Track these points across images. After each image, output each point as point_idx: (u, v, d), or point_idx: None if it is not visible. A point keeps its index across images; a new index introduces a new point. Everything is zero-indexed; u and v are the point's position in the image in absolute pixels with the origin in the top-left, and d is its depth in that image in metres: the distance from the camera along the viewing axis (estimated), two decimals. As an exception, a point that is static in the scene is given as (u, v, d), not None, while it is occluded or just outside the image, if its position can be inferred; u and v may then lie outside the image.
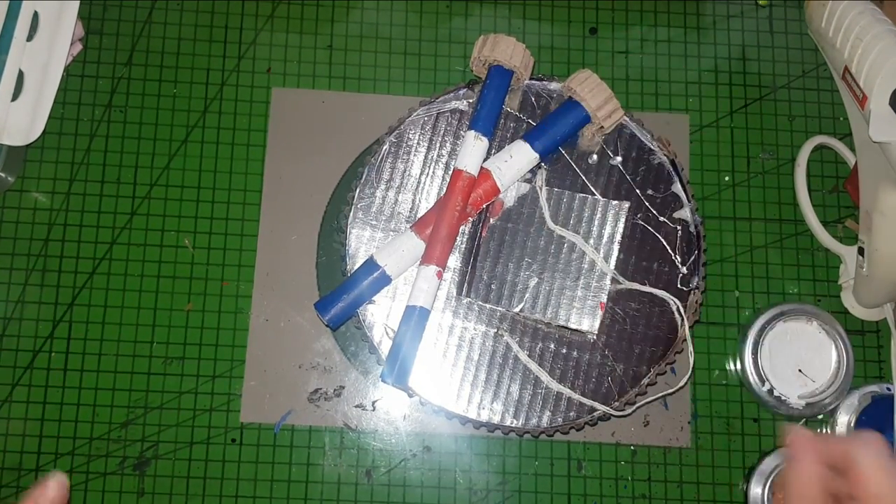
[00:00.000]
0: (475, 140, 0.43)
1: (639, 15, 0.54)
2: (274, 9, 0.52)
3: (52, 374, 0.47)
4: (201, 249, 0.49)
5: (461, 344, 0.43)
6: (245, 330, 0.48)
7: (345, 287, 0.42)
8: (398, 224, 0.44)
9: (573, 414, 0.42)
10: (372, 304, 0.43)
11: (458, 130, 0.45)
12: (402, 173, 0.45)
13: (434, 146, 0.45)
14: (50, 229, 0.49)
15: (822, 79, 0.53)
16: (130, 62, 0.51)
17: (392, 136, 0.45)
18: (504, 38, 0.44)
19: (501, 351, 0.43)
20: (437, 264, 0.42)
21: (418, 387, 0.42)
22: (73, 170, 0.49)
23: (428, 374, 0.43)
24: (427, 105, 0.45)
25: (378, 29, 0.52)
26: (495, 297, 0.43)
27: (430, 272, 0.42)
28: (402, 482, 0.47)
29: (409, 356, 0.41)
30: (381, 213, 0.44)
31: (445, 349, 0.43)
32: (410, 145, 0.45)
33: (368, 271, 0.42)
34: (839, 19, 0.49)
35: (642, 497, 0.47)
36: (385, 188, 0.44)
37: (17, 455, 0.46)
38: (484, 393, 0.43)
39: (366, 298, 0.42)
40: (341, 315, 0.42)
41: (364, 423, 0.47)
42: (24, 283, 0.48)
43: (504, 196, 0.45)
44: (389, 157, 0.45)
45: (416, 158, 0.45)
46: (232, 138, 0.50)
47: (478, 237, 0.44)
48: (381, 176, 0.44)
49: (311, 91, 0.51)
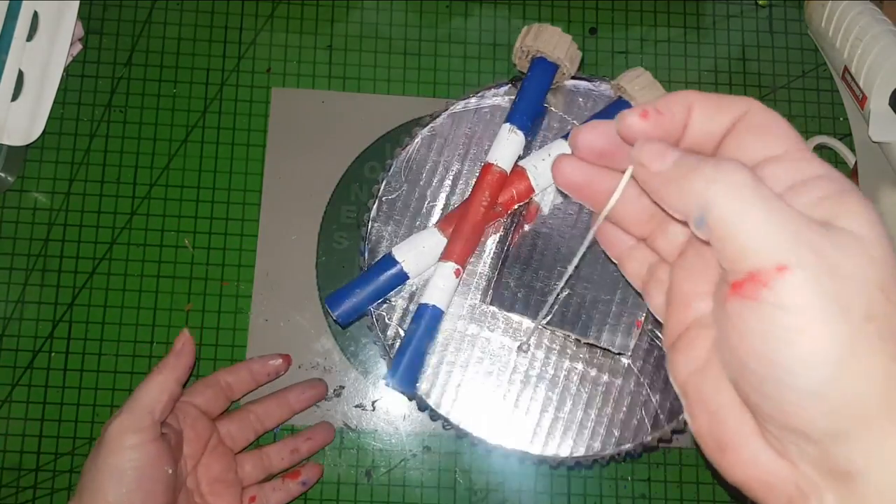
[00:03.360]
0: (509, 133, 0.40)
1: (639, 15, 0.54)
2: (274, 9, 0.52)
3: (52, 374, 0.47)
4: (201, 249, 0.49)
5: (481, 357, 0.40)
6: (245, 330, 0.48)
7: (358, 282, 0.39)
8: (423, 221, 0.42)
9: (598, 445, 0.38)
10: (386, 303, 0.40)
11: (496, 128, 0.42)
12: (432, 169, 0.42)
13: (470, 143, 0.42)
14: (50, 229, 0.49)
15: (822, 79, 0.53)
16: (130, 62, 0.51)
17: (426, 130, 0.42)
18: (549, 28, 0.41)
19: (523, 367, 0.40)
20: (457, 262, 0.39)
21: (428, 397, 0.39)
22: (72, 170, 0.49)
23: (440, 384, 0.40)
24: (465, 99, 0.43)
25: (378, 29, 0.52)
26: (521, 307, 0.40)
27: (447, 269, 0.39)
28: (402, 482, 0.47)
29: (416, 358, 0.39)
30: (406, 209, 0.42)
31: (461, 359, 0.40)
32: (444, 140, 0.43)
33: (385, 266, 0.39)
34: (839, 19, 0.49)
35: (642, 497, 0.47)
36: (413, 183, 0.42)
37: (16, 455, 0.46)
38: (498, 412, 0.39)
39: (380, 295, 0.39)
40: (352, 312, 0.39)
41: (364, 423, 0.47)
42: (23, 283, 0.48)
43: (541, 200, 0.41)
44: (421, 150, 0.42)
45: (448, 154, 0.42)
46: (232, 138, 0.50)
47: (508, 242, 0.41)
48: (411, 169, 0.42)
49: (310, 91, 0.51)
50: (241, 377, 0.44)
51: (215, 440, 0.42)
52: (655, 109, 0.23)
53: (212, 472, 0.41)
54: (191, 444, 0.40)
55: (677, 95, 0.23)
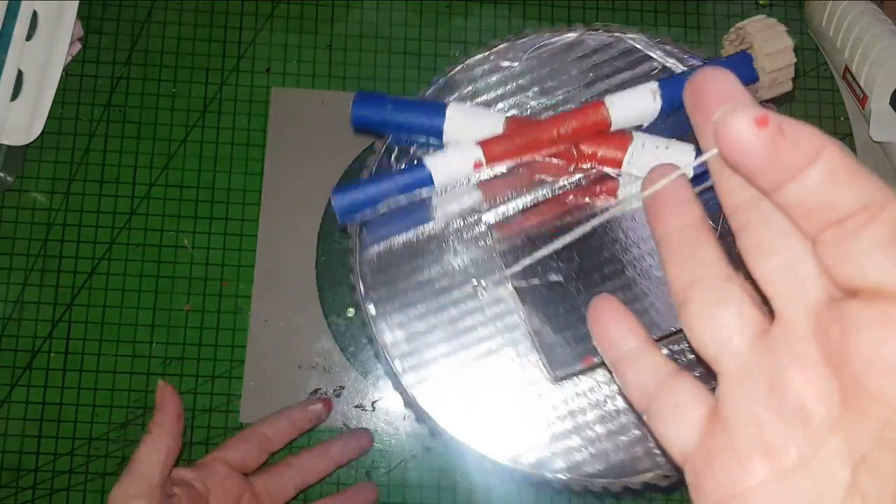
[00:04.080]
0: (651, 94, 0.33)
1: (639, 15, 0.54)
2: (273, 8, 0.52)
3: (51, 375, 0.47)
4: (200, 249, 0.49)
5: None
6: (244, 330, 0.48)
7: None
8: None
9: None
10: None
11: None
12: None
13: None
14: (49, 229, 0.49)
15: (823, 78, 0.53)
16: (130, 62, 0.51)
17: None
18: (781, 34, 0.34)
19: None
20: (486, 155, 0.32)
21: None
22: (72, 169, 0.49)
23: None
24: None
25: (378, 28, 0.52)
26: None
27: (470, 152, 0.32)
28: (402, 483, 0.47)
29: (370, 192, 0.32)
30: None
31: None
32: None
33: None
34: (839, 19, 0.48)
35: (643, 497, 0.47)
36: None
37: (15, 455, 0.46)
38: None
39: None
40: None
41: (364, 424, 0.47)
42: (22, 284, 0.48)
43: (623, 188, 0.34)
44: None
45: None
46: (231, 138, 0.50)
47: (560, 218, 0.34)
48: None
49: (310, 91, 0.51)
50: (279, 427, 0.42)
51: (249, 497, 0.39)
52: (778, 125, 0.16)
53: None
54: (220, 502, 0.38)
55: (811, 130, 0.17)
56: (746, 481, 0.17)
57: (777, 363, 0.18)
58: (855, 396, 0.16)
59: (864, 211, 0.16)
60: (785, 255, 0.18)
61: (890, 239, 0.16)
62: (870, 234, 0.16)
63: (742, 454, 0.18)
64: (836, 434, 0.17)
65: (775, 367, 0.18)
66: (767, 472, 0.17)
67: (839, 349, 0.16)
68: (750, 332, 0.19)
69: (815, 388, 0.17)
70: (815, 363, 0.17)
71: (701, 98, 0.18)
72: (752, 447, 0.18)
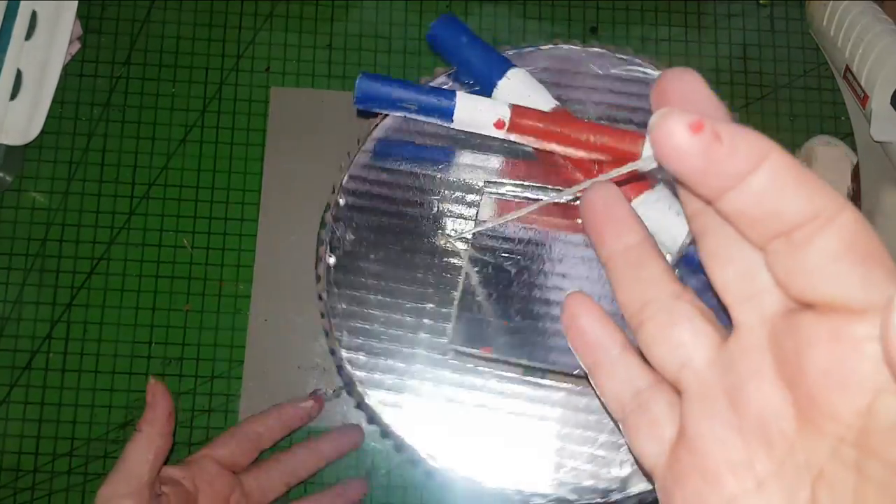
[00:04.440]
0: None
1: (639, 14, 0.53)
2: (273, 8, 0.52)
3: (50, 375, 0.47)
4: (200, 249, 0.49)
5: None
6: (244, 330, 0.48)
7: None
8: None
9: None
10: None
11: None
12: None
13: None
14: (48, 229, 0.48)
15: (824, 78, 0.53)
16: (129, 61, 0.51)
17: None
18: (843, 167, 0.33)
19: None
20: (513, 116, 0.31)
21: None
22: (71, 169, 0.49)
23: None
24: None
25: (378, 28, 0.52)
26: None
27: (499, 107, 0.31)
28: (402, 483, 0.46)
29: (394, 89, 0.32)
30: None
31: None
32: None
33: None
34: (840, 18, 0.48)
35: (643, 498, 0.47)
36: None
37: (14, 456, 0.46)
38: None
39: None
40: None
41: (364, 424, 0.47)
42: (21, 284, 0.48)
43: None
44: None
45: None
46: (231, 138, 0.50)
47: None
48: None
49: (310, 90, 0.51)
50: (269, 425, 0.42)
51: (238, 496, 0.39)
52: (714, 131, 0.15)
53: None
54: (209, 501, 0.38)
55: (752, 136, 0.16)
56: (714, 500, 0.17)
57: (735, 379, 0.17)
58: (809, 412, 0.16)
59: (814, 221, 0.15)
60: (740, 265, 0.18)
61: (840, 252, 0.15)
62: (820, 246, 0.15)
63: (708, 473, 0.18)
64: (797, 450, 0.16)
65: (734, 384, 0.18)
66: (734, 491, 0.17)
67: (793, 363, 0.16)
68: (706, 347, 0.19)
69: (773, 403, 0.17)
70: (772, 377, 0.17)
71: (664, 99, 0.18)
72: (718, 466, 0.17)
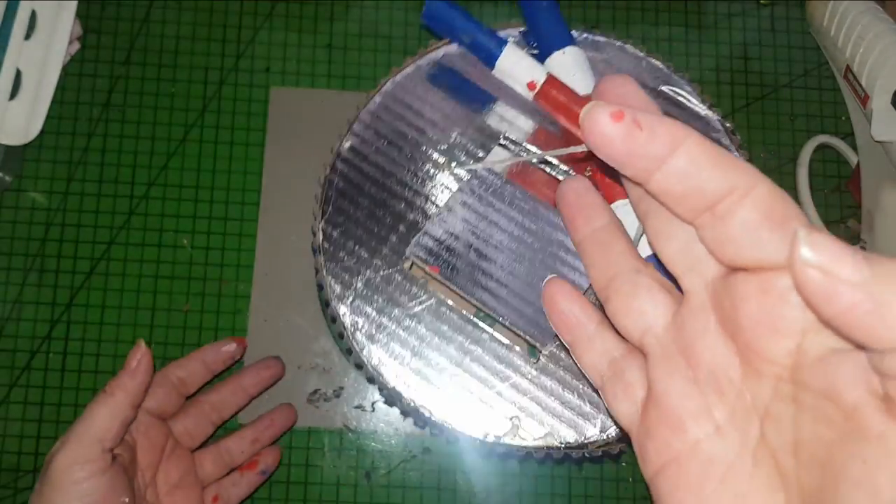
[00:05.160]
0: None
1: (640, 14, 0.53)
2: (273, 7, 0.52)
3: (50, 375, 0.47)
4: (199, 249, 0.49)
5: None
6: (244, 330, 0.48)
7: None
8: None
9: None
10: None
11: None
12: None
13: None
14: (47, 229, 0.48)
15: (824, 78, 0.53)
16: (129, 61, 0.51)
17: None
18: None
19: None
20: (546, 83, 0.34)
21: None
22: (70, 169, 0.49)
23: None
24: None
25: (378, 28, 0.52)
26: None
27: (537, 70, 0.35)
28: (402, 483, 0.46)
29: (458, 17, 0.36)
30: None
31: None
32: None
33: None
34: (841, 18, 0.48)
35: (643, 499, 0.47)
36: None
37: (14, 456, 0.46)
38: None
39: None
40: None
41: (363, 425, 0.47)
42: (21, 284, 0.48)
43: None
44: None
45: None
46: (231, 138, 0.50)
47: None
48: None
49: (310, 90, 0.51)
50: (193, 369, 0.41)
51: (172, 443, 0.39)
52: (634, 119, 0.18)
53: (171, 479, 0.38)
54: (146, 455, 0.37)
55: (670, 122, 0.18)
56: (680, 446, 0.20)
57: (687, 338, 0.20)
58: (750, 358, 0.18)
59: (732, 195, 0.18)
60: (681, 238, 0.20)
61: (759, 220, 0.17)
62: (740, 216, 0.17)
63: (673, 423, 0.20)
64: (744, 393, 0.19)
65: (687, 343, 0.20)
66: (697, 436, 0.19)
67: (732, 318, 0.18)
68: (664, 314, 0.21)
69: (720, 355, 0.19)
70: (716, 333, 0.19)
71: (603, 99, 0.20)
72: (681, 416, 0.20)
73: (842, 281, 0.15)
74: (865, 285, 0.15)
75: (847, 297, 0.15)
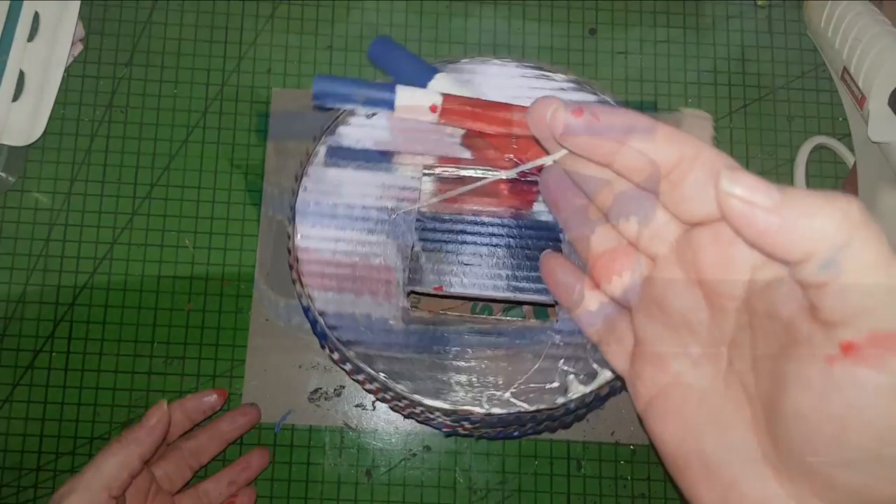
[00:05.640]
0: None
1: (638, 16, 0.54)
2: (274, 9, 0.52)
3: (53, 374, 0.47)
4: (201, 249, 0.49)
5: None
6: (245, 330, 0.48)
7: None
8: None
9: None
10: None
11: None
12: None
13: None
14: (51, 229, 0.49)
15: (822, 79, 0.53)
16: (131, 62, 0.51)
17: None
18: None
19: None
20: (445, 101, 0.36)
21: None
22: (73, 170, 0.50)
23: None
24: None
25: (378, 29, 0.52)
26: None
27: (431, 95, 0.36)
28: (402, 481, 0.47)
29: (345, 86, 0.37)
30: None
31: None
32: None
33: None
34: (838, 20, 0.49)
35: (641, 497, 0.47)
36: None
37: (17, 454, 0.46)
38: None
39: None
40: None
41: (364, 423, 0.47)
42: (24, 284, 0.48)
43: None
44: None
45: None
46: (232, 138, 0.51)
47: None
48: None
49: (311, 91, 0.51)
50: (175, 419, 0.43)
51: (155, 487, 0.40)
52: (592, 112, 0.22)
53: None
54: (133, 499, 0.39)
55: (622, 111, 0.22)
56: (663, 380, 0.23)
57: (660, 291, 0.23)
58: (714, 298, 0.21)
59: (681, 162, 0.21)
60: (640, 214, 0.23)
61: (705, 181, 0.20)
62: (690, 180, 0.21)
63: (657, 363, 0.23)
64: (713, 329, 0.22)
65: (660, 294, 0.23)
66: (677, 370, 0.23)
67: (694, 267, 0.22)
68: (641, 273, 0.24)
69: (688, 301, 0.22)
70: (683, 284, 0.22)
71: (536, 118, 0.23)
72: (663, 356, 0.23)
73: (757, 206, 0.18)
74: (776, 209, 0.18)
75: (761, 219, 0.18)
